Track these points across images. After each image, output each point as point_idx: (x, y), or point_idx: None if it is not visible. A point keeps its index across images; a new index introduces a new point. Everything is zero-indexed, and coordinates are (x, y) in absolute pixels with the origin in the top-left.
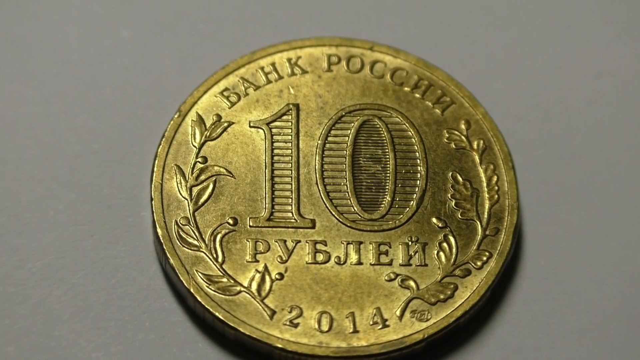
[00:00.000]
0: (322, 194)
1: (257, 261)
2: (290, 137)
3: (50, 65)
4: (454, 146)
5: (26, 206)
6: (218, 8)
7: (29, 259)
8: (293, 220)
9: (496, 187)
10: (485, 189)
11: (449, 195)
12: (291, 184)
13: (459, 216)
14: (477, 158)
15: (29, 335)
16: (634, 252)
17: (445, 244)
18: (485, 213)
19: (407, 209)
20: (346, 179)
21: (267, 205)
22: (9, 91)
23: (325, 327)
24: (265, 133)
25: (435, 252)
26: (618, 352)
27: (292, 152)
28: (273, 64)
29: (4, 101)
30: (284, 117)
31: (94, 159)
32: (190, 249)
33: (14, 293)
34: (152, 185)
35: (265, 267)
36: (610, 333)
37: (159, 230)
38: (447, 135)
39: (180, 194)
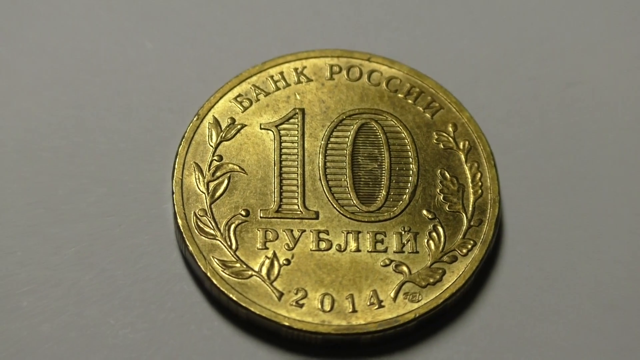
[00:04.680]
0: (324, 189)
1: (267, 248)
2: (296, 138)
3: (82, 73)
4: (442, 146)
5: (61, 199)
6: (232, 23)
7: (63, 246)
8: (299, 212)
9: (480, 183)
10: (470, 185)
11: (438, 190)
12: (297, 180)
13: (447, 209)
14: (463, 157)
15: (62, 314)
16: (605, 240)
17: (434, 234)
18: (470, 206)
19: (401, 202)
20: (346, 175)
21: (275, 198)
22: (46, 97)
23: (327, 307)
24: (274, 134)
25: (426, 240)
26: (592, 331)
27: (298, 152)
28: (281, 73)
29: (42, 105)
30: (291, 120)
31: (121, 157)
32: (207, 238)
33: (50, 276)
34: (173, 181)
35: (274, 254)
36: (585, 314)
37: (179, 221)
38: (436, 136)
39: (199, 189)
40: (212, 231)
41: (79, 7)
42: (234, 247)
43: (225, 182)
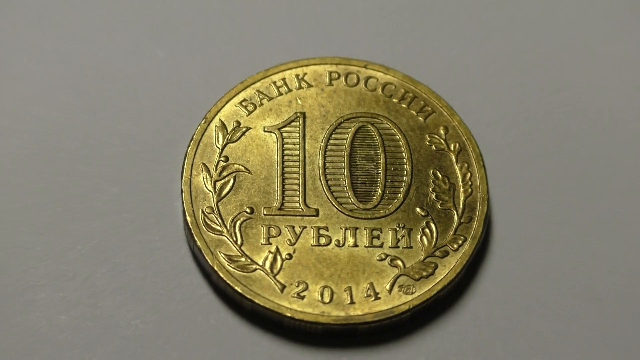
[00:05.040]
0: (324, 188)
1: (270, 244)
2: (297, 140)
3: (97, 80)
4: (434, 148)
5: (77, 198)
6: (237, 32)
7: (78, 242)
8: (300, 210)
9: (470, 182)
10: (461, 184)
11: (430, 189)
12: (298, 179)
13: (439, 206)
14: (453, 158)
15: (77, 305)
16: (587, 236)
17: (427, 230)
18: (461, 204)
19: (395, 200)
20: (344, 175)
21: (278, 197)
22: (64, 102)
23: (327, 299)
24: (277, 137)
25: (419, 236)
26: (574, 320)
27: (299, 153)
28: (283, 79)
29: (59, 109)
30: (293, 124)
31: (133, 159)
32: (214, 234)
33: (66, 270)
34: (182, 180)
35: (277, 249)
36: (568, 305)
37: (188, 218)
38: (428, 138)
39: (206, 187)
40: (218, 227)
41: (95, 20)
42: (239, 242)
43: (231, 181)
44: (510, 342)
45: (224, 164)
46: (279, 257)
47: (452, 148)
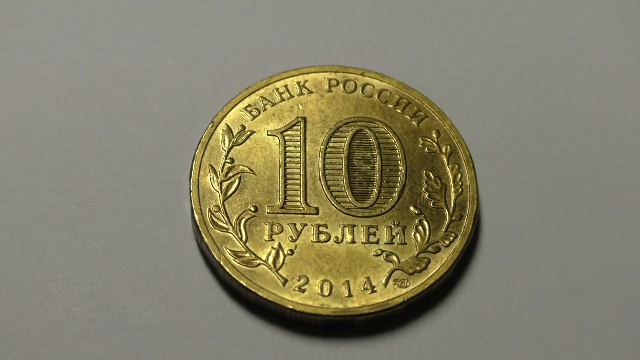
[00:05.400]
0: (324, 188)
1: (273, 240)
2: (299, 143)
3: (111, 87)
4: (427, 150)
5: (91, 197)
6: (242, 42)
7: (93, 238)
8: (301, 208)
9: (460, 183)
10: (452, 184)
11: (423, 188)
12: (299, 180)
13: (431, 205)
14: (445, 160)
15: (92, 298)
16: (571, 233)
17: (420, 227)
18: (452, 203)
19: (391, 199)
20: (343, 175)
21: (280, 196)
22: (79, 107)
23: (326, 292)
24: (279, 140)
25: (413, 233)
26: (559, 312)
27: (300, 155)
28: (286, 86)
29: (75, 114)
30: (294, 128)
31: (145, 160)
32: (221, 231)
33: (82, 265)
34: (191, 181)
35: (279, 245)
36: (554, 298)
37: (196, 216)
38: (421, 141)
39: (213, 187)
40: (224, 225)
41: (110, 30)
42: (244, 239)
43: (237, 181)
44: (498, 333)
45: (230, 165)
46: (281, 253)
47: (443, 150)
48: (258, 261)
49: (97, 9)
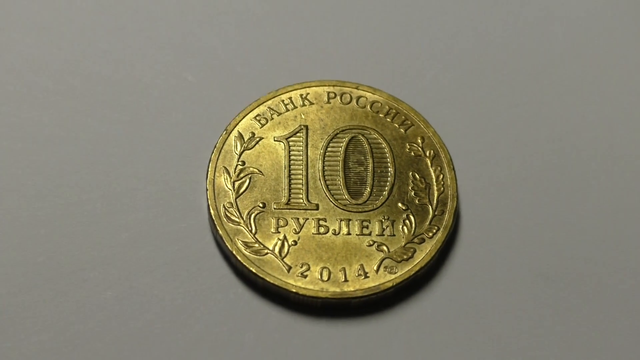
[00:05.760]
0: (323, 187)
1: (279, 232)
2: (301, 148)
3: (137, 98)
4: (413, 154)
5: (118, 195)
6: (252, 59)
7: (119, 231)
8: (303, 204)
9: (442, 182)
10: (435, 184)
11: (410, 187)
12: (302, 180)
13: (417, 202)
14: (429, 162)
15: (119, 285)
16: (540, 226)
17: (407, 221)
18: (435, 200)
19: (381, 197)
20: (339, 176)
21: (285, 194)
22: (109, 116)
23: (325, 278)
24: (284, 145)
25: (401, 226)
26: (531, 296)
27: (303, 158)
28: (290, 98)
29: (105, 122)
30: (298, 134)
31: (166, 163)
32: (233, 224)
33: (109, 255)
34: (207, 180)
35: (284, 237)
36: (525, 283)
37: (212, 211)
38: (408, 147)
39: (226, 186)
40: (237, 219)
41: (137, 50)
42: (253, 231)
43: (247, 181)
44: (476, 314)
45: (241, 167)
46: (286, 243)
47: (427, 154)
48: (266, 251)
49: (128, 33)
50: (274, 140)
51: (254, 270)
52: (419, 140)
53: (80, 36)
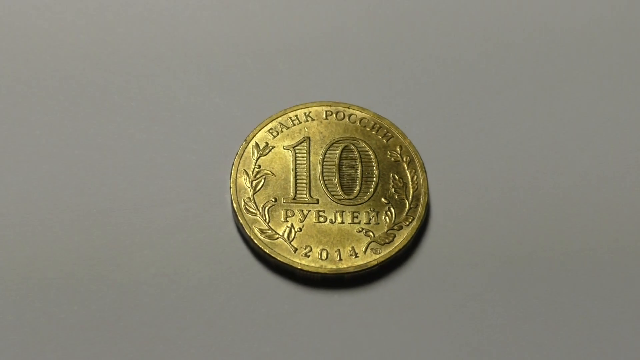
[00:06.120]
0: (322, 185)
1: (287, 221)
2: (305, 154)
3: (173, 114)
4: (393, 160)
5: (154, 193)
6: (267, 85)
7: (160, 220)
8: (307, 199)
9: (416, 182)
10: (410, 183)
11: (391, 186)
12: (305, 180)
13: (396, 197)
14: (405, 166)
15: (160, 262)
16: (496, 214)
17: (389, 212)
18: (410, 196)
19: (368, 193)
20: (335, 177)
21: (292, 191)
22: (150, 129)
23: (324, 257)
24: (292, 152)
25: (384, 216)
26: (496, 275)
27: (306, 163)
28: (296, 115)
29: (147, 133)
30: (302, 144)
31: (198, 166)
32: (251, 215)
33: (151, 240)
34: (231, 180)
35: (292, 225)
36: (486, 263)
37: (234, 205)
38: (389, 154)
39: (246, 185)
40: (254, 211)
41: (174, 76)
42: (267, 220)
43: (262, 181)
44: (444, 286)
45: (258, 170)
46: (293, 230)
47: (404, 160)
48: (277, 236)
49: (170, 62)
50: (283, 149)
51: (267, 252)
52: (398, 149)
53: (134, 65)
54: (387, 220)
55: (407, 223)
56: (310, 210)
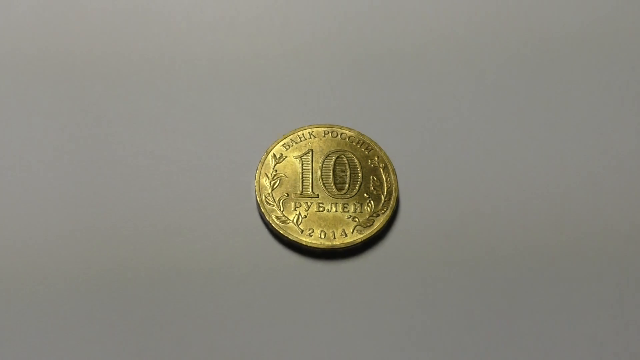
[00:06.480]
0: (321, 184)
1: (296, 210)
2: (309, 162)
3: (213, 130)
4: (373, 166)
5: (200, 190)
6: (283, 112)
7: (201, 211)
8: (310, 194)
9: (389, 182)
10: (385, 183)
11: (371, 185)
12: (309, 181)
13: (374, 193)
14: (381, 171)
15: (200, 243)
16: (452, 205)
17: (369, 204)
18: (385, 192)
19: (354, 190)
20: (331, 178)
21: (300, 189)
22: (191, 142)
23: (323, 237)
24: (300, 161)
25: (366, 207)
26: (450, 250)
27: (310, 168)
28: (302, 134)
29: (197, 147)
30: (307, 155)
31: (232, 171)
32: (270, 206)
33: (193, 226)
34: (255, 181)
35: (299, 213)
36: (446, 242)
37: (257, 199)
38: (370, 162)
39: (266, 184)
40: (272, 203)
41: (217, 99)
42: (281, 210)
43: (278, 181)
44: (411, 259)
45: (275, 173)
46: (300, 217)
47: (381, 167)
48: (289, 221)
49: (210, 90)
50: (294, 158)
51: (282, 232)
52: (376, 158)
53: (187, 94)
54: (368, 209)
55: (383, 212)
56: (312, 202)
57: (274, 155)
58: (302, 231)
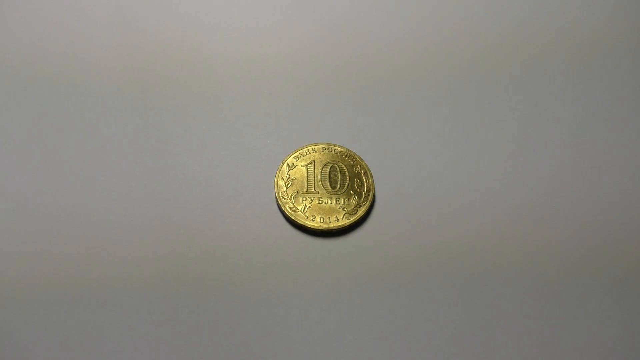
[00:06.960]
0: (321, 184)
1: (303, 203)
2: (312, 170)
3: (239, 145)
4: (356, 172)
5: (233, 191)
6: (294, 131)
7: (233, 206)
8: (313, 192)
9: (368, 183)
10: (365, 184)
11: (355, 185)
12: (313, 182)
13: (358, 191)
14: (363, 176)
15: (229, 228)
16: (418, 200)
17: (354, 198)
18: (365, 190)
19: (344, 189)
20: (328, 180)
21: (306, 187)
22: (229, 154)
23: (322, 221)
24: (306, 169)
25: (352, 200)
26: (418, 233)
27: (313, 173)
28: (307, 149)
29: (227, 157)
30: (310, 164)
31: (257, 175)
32: (284, 200)
33: (226, 215)
34: (274, 182)
35: (305, 205)
36: (413, 227)
37: (276, 195)
38: (355, 169)
39: (282, 185)
40: (286, 198)
41: (239, 117)
42: (293, 202)
43: (290, 183)
44: (385, 238)
45: (288, 177)
46: (306, 207)
47: (362, 172)
48: (298, 210)
49: (239, 112)
50: (301, 166)
51: (293, 218)
52: (359, 166)
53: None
54: (353, 202)
55: (364, 204)
56: (315, 197)
57: (288, 164)
58: (307, 217)
